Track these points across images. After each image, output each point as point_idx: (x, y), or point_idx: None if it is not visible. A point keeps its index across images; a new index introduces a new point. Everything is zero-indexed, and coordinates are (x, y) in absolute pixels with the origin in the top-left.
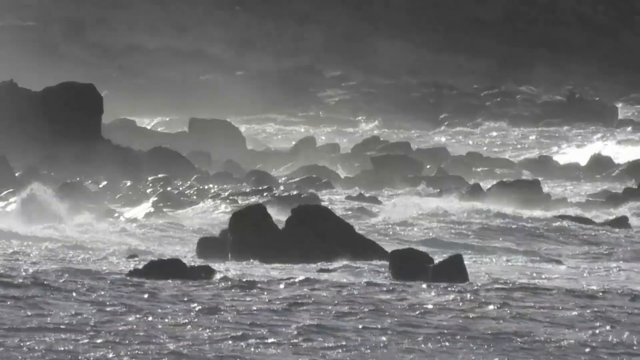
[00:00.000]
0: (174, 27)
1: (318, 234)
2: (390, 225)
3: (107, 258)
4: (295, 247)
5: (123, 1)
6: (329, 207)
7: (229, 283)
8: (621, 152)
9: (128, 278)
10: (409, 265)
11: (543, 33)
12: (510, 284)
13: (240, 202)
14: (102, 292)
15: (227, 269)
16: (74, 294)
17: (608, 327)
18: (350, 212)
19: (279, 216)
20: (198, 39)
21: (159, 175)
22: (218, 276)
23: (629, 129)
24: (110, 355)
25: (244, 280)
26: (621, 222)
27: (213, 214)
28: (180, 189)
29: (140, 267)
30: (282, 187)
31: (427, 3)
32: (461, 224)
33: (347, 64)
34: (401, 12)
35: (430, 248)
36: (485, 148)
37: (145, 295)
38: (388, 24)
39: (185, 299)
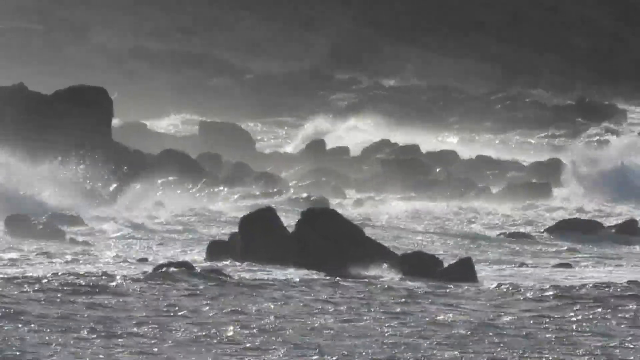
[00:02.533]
0: (179, 30)
1: (327, 237)
2: (399, 229)
3: (117, 260)
4: (304, 250)
5: (129, 4)
6: (339, 210)
7: (237, 286)
8: (631, 155)
9: (137, 280)
10: (419, 268)
11: (551, 36)
12: (521, 287)
13: (249, 205)
14: (110, 295)
15: (236, 272)
16: (83, 297)
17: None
18: (359, 215)
19: (288, 219)
20: (205, 43)
21: (169, 178)
22: (226, 279)
23: (639, 131)
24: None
25: (252, 284)
26: (630, 225)
27: (222, 216)
28: (190, 191)
29: (149, 269)
30: (291, 190)
31: (435, 6)
32: (470, 227)
33: (355, 67)
34: (408, 16)
35: (440, 251)
36: (494, 151)
37: (152, 298)
38: (395, 28)
39: (193, 302)
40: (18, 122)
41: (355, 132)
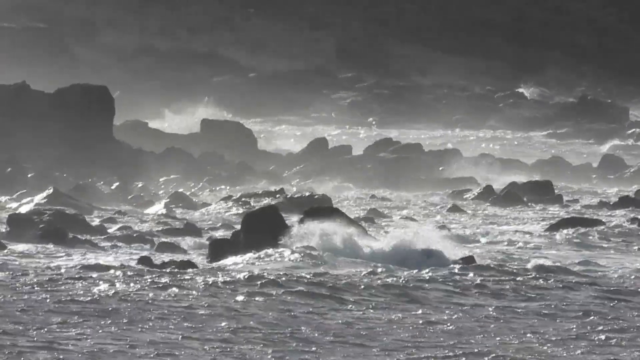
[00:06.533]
0: (186, 29)
1: None
2: (402, 226)
3: (119, 259)
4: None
5: (135, 3)
6: (341, 209)
7: (240, 284)
8: (633, 154)
9: (140, 279)
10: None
11: (555, 35)
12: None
13: (252, 203)
14: (112, 291)
15: (238, 269)
16: (83, 297)
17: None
18: (362, 214)
19: (291, 218)
20: (210, 41)
21: (171, 177)
22: (228, 277)
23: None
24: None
25: (255, 281)
26: (632, 224)
27: (225, 215)
28: (192, 190)
29: (152, 269)
30: (294, 189)
31: (439, 5)
32: (475, 225)
33: (360, 65)
34: (413, 14)
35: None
36: (497, 149)
37: (156, 297)
38: (400, 26)
39: (197, 300)
40: (19, 120)
41: (358, 131)
